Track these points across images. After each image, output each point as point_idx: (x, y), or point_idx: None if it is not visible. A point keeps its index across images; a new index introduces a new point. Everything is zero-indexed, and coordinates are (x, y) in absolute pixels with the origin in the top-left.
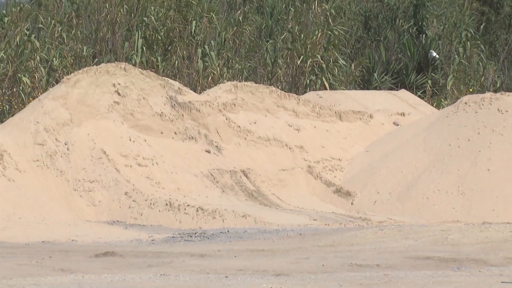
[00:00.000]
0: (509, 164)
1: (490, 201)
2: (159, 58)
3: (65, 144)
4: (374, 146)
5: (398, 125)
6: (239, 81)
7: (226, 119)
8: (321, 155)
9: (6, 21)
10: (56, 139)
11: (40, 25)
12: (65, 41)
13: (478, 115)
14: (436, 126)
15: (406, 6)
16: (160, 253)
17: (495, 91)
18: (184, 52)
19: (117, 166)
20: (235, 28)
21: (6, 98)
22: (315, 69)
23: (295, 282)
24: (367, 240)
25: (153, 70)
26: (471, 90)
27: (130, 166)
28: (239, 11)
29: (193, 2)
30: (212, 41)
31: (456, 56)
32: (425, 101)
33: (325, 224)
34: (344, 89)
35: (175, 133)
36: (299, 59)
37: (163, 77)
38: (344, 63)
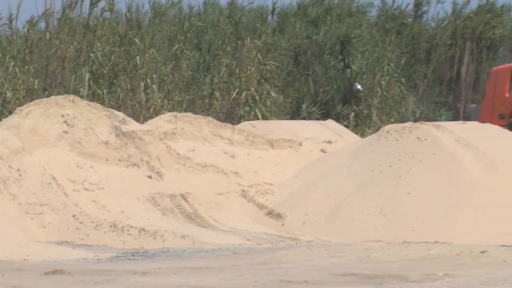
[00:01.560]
0: (427, 188)
1: (410, 222)
2: (104, 90)
3: (18, 171)
4: (303, 171)
5: (325, 152)
6: (179, 112)
7: (167, 147)
8: (254, 180)
9: None
10: (9, 165)
11: None
12: (18, 75)
13: (399, 143)
14: (360, 153)
15: (333, 42)
16: (105, 271)
17: (415, 121)
18: (128, 85)
19: (65, 191)
20: (174, 63)
21: None
22: (249, 101)
23: None
24: (296, 259)
25: (99, 102)
26: (392, 120)
27: (78, 190)
28: (178, 47)
29: (136, 39)
30: (153, 75)
31: (379, 88)
32: (350, 130)
33: (258, 244)
34: (275, 119)
35: (119, 160)
36: (234, 92)
37: (109, 109)
38: (276, 95)
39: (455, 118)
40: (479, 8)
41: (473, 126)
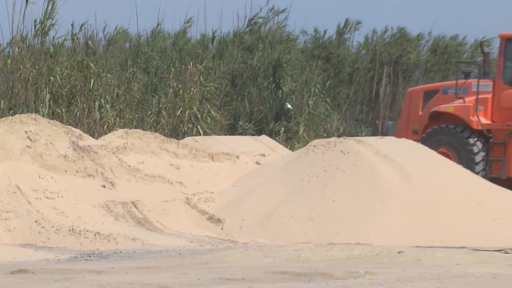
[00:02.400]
0: (350, 196)
1: (335, 226)
2: (63, 109)
3: None
4: (240, 181)
5: (259, 164)
6: (129, 129)
7: (119, 159)
8: (197, 189)
9: None
10: None
11: None
12: None
13: (325, 156)
14: (290, 165)
15: (266, 67)
16: (64, 270)
17: (339, 136)
18: (84, 105)
19: (28, 199)
20: (126, 85)
21: None
22: (192, 119)
23: None
24: (234, 258)
25: (59, 119)
26: (320, 135)
27: (40, 198)
28: (129, 71)
29: (91, 64)
30: (107, 96)
31: (306, 107)
32: (282, 145)
33: (200, 245)
34: (215, 135)
35: (77, 171)
36: (178, 111)
37: (67, 126)
38: (215, 113)
39: (374, 133)
40: (395, 35)
41: (390, 140)
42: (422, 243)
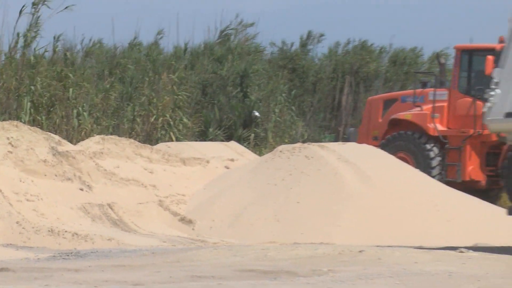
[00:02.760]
0: (314, 198)
1: (300, 226)
2: (43, 117)
3: None
4: (210, 184)
5: (228, 168)
6: (106, 135)
7: (96, 164)
8: (169, 191)
9: None
10: None
11: None
12: None
13: (290, 160)
14: (258, 169)
15: (234, 76)
16: (43, 268)
17: (303, 142)
18: (63, 113)
19: (10, 201)
20: (103, 94)
21: None
22: (165, 126)
23: None
24: (204, 257)
25: (39, 126)
26: (286, 141)
27: (21, 201)
28: (106, 81)
29: (70, 74)
30: (85, 104)
31: (273, 115)
32: (250, 150)
33: (172, 245)
34: (187, 141)
35: (56, 175)
36: (152, 118)
37: (47, 132)
38: (187, 121)
39: (337, 139)
40: (356, 47)
41: (351, 146)
42: (382, 243)
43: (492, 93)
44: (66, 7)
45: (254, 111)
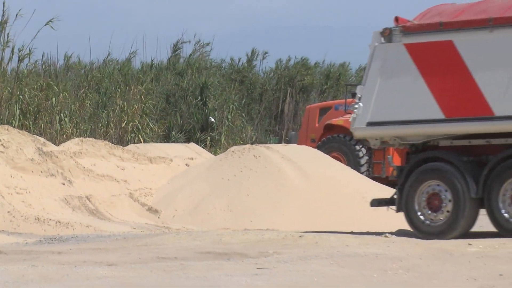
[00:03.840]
0: (261, 191)
1: (249, 215)
2: (30, 122)
3: None
4: (173, 179)
5: (188, 166)
6: (84, 137)
7: (75, 162)
8: (138, 185)
9: None
10: None
11: None
12: None
13: (241, 159)
14: (214, 167)
15: (194, 88)
16: (31, 251)
17: (252, 144)
18: (47, 118)
19: (2, 194)
20: (80, 102)
21: None
22: (134, 130)
23: (121, 269)
24: (168, 241)
25: (27, 130)
26: (237, 143)
27: (11, 194)
28: (82, 91)
29: (54, 86)
30: (66, 111)
31: (226, 121)
32: (207, 150)
33: (141, 231)
34: (153, 143)
35: (41, 172)
36: (123, 123)
37: (34, 135)
38: (153, 125)
39: (280, 141)
40: (297, 63)
41: (293, 147)
42: (319, 229)
43: (356, 106)
44: (47, 23)
45: (210, 117)
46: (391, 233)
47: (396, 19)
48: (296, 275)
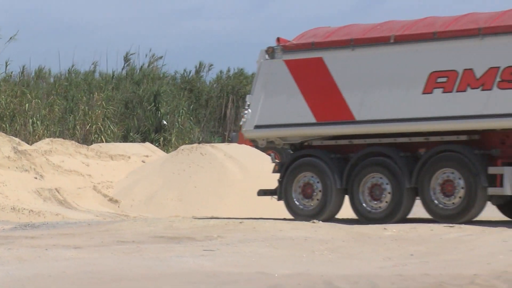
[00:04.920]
0: (207, 184)
1: (196, 205)
2: (7, 125)
3: None
4: (131, 174)
5: (144, 162)
6: (54, 138)
7: (46, 159)
8: (101, 179)
9: None
10: None
11: None
12: None
13: (189, 156)
14: (166, 163)
15: (149, 95)
16: (7, 236)
17: (199, 143)
18: (22, 121)
19: None
20: (50, 107)
21: None
22: (97, 131)
23: (86, 251)
24: (127, 227)
25: (4, 132)
26: (186, 142)
27: None
28: (52, 98)
29: (26, 92)
30: (37, 115)
31: (177, 123)
32: (160, 149)
33: (103, 219)
34: (113, 142)
35: (17, 167)
36: (88, 126)
37: (10, 136)
38: (113, 128)
39: (223, 141)
40: (236, 73)
41: (234, 146)
42: (256, 216)
43: (246, 112)
44: (11, 38)
45: (163, 120)
46: (318, 219)
47: (278, 39)
48: (237, 256)
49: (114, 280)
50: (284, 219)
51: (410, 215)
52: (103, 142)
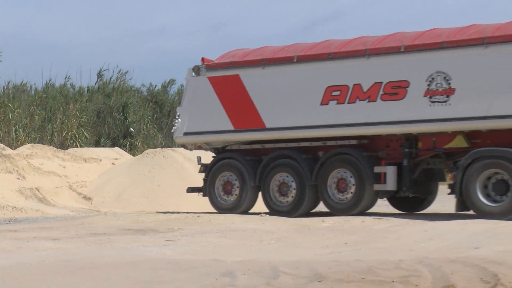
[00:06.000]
0: (169, 183)
1: (160, 201)
2: None
3: None
4: (102, 175)
5: (114, 164)
6: (34, 144)
7: (28, 162)
8: (76, 179)
9: None
10: None
11: None
12: None
13: (153, 159)
14: (133, 165)
15: (118, 106)
16: None
17: (162, 147)
18: (6, 129)
19: None
20: (31, 117)
21: None
22: (73, 138)
23: (63, 242)
24: (99, 221)
25: None
26: (150, 147)
27: None
28: (32, 108)
29: (9, 104)
30: (20, 124)
31: (142, 130)
32: (128, 153)
33: (78, 214)
34: (87, 147)
35: (1, 169)
36: (64, 133)
37: None
38: (87, 134)
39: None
40: None
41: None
42: (212, 211)
43: (176, 121)
44: None
45: (130, 128)
46: (265, 213)
47: (202, 59)
48: (195, 245)
49: (87, 267)
50: (236, 213)
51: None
52: (77, 147)
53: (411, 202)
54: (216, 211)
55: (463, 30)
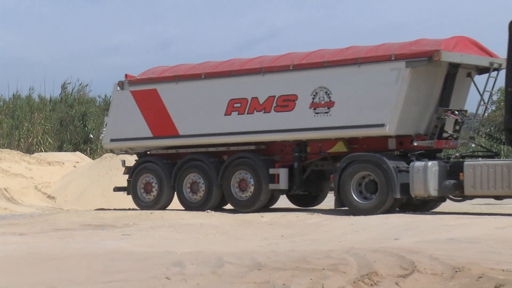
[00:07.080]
0: (124, 183)
1: (117, 200)
2: None
3: None
4: (65, 176)
5: (75, 167)
6: (2, 149)
7: None
8: (41, 181)
9: None
10: None
11: None
12: None
13: (111, 162)
14: (93, 167)
15: (79, 115)
16: None
17: (117, 155)
18: None
19: None
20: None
21: None
22: (38, 143)
23: (29, 237)
24: (62, 218)
25: None
26: (108, 151)
27: None
28: (0, 117)
29: None
30: None
31: (101, 136)
32: (88, 157)
33: (43, 211)
34: (51, 152)
35: None
36: (30, 139)
37: None
38: (51, 140)
39: None
40: None
41: None
42: (164, 208)
43: (104, 129)
44: None
45: (90, 134)
46: (211, 209)
47: (126, 75)
48: (149, 239)
49: (51, 259)
50: (183, 209)
51: (276, 206)
52: (42, 151)
53: (306, 198)
54: (137, 205)
55: (343, 51)
